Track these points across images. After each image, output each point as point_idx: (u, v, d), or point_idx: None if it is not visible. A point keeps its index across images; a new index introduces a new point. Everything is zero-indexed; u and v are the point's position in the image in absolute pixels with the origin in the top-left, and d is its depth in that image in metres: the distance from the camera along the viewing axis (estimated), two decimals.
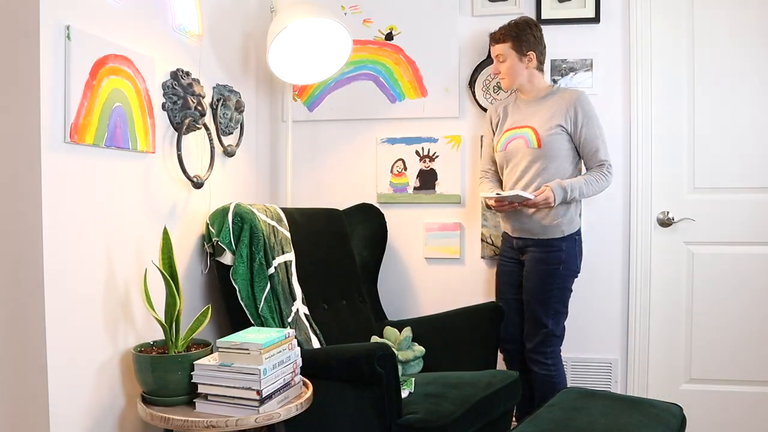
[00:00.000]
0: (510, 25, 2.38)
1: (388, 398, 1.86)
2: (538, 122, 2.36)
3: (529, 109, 2.42)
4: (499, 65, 2.41)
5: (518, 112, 2.44)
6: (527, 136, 2.37)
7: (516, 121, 2.42)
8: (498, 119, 2.50)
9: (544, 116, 2.37)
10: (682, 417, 1.98)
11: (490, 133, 2.53)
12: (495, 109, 2.53)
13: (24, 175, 1.50)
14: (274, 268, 2.18)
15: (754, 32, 2.58)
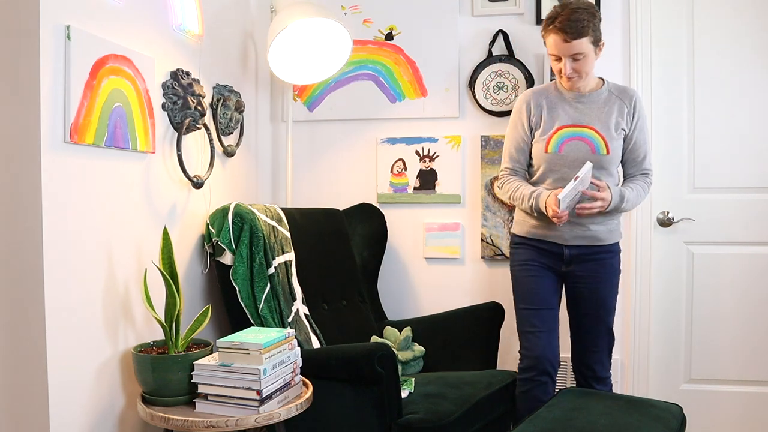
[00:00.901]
0: (581, 10, 2.01)
1: (388, 398, 1.86)
2: (602, 124, 2.10)
3: (585, 107, 2.12)
4: (576, 64, 2.04)
5: (572, 109, 2.12)
6: (593, 139, 2.08)
7: (574, 119, 2.11)
8: (540, 111, 2.14)
9: (607, 117, 2.11)
10: (682, 417, 1.98)
11: (525, 125, 2.16)
12: (533, 98, 2.16)
13: (24, 175, 1.50)
14: (274, 268, 2.18)
15: (754, 32, 2.58)
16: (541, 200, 2.06)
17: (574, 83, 2.10)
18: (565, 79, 2.09)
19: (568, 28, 1.99)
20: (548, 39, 2.05)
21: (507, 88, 2.69)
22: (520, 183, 2.16)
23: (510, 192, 2.17)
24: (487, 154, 2.73)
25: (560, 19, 2.00)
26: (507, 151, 2.21)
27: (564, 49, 2.02)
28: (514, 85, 2.68)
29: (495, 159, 2.72)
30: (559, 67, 2.07)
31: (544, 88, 2.21)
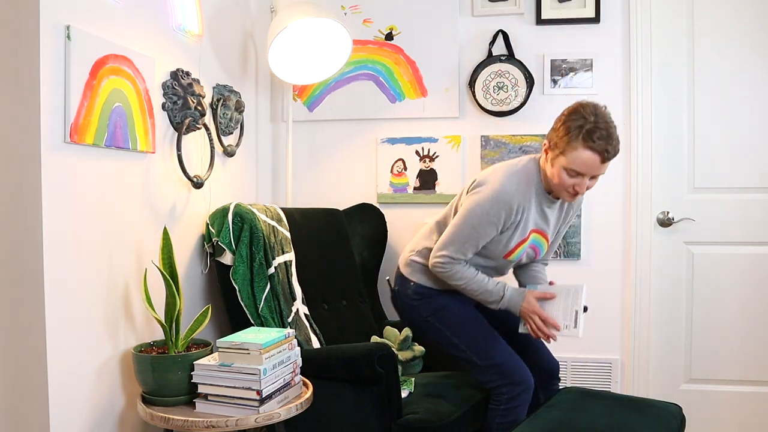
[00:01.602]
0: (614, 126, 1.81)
1: (388, 398, 1.86)
2: (552, 230, 2.05)
3: (550, 212, 2.01)
4: (593, 181, 1.86)
5: (541, 215, 1.99)
6: (541, 246, 2.04)
7: (538, 225, 1.99)
8: (520, 217, 1.92)
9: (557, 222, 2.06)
10: (681, 417, 1.98)
11: (498, 228, 1.91)
12: (518, 203, 1.89)
13: (24, 175, 1.50)
14: (274, 268, 2.18)
15: (754, 32, 2.58)
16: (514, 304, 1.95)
17: (575, 198, 1.91)
18: (569, 195, 1.88)
19: (611, 150, 1.78)
20: (581, 153, 1.77)
21: (507, 88, 2.69)
22: (476, 271, 1.97)
23: (465, 282, 1.95)
24: (487, 155, 2.73)
25: (600, 135, 1.75)
26: (472, 242, 1.91)
27: (597, 168, 1.80)
28: (514, 85, 2.68)
29: (495, 159, 2.72)
30: (574, 182, 1.83)
31: (527, 184, 1.92)
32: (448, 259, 1.93)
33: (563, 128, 1.81)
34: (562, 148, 1.80)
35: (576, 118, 1.79)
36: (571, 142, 1.78)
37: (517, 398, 1.98)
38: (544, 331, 1.92)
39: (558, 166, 1.83)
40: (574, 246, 2.68)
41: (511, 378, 1.97)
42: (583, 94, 2.67)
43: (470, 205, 1.90)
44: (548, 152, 1.87)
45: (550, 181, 1.89)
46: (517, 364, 2.00)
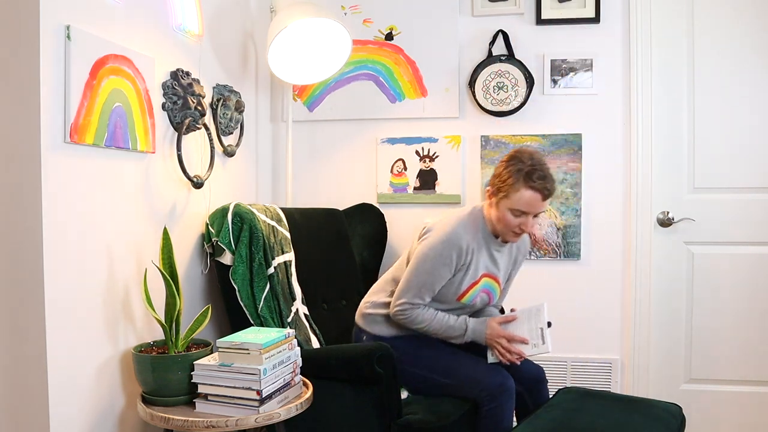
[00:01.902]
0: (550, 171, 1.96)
1: (388, 398, 1.86)
2: (503, 274, 2.14)
3: (499, 255, 2.11)
4: (535, 219, 1.98)
5: (490, 258, 2.09)
6: (494, 291, 2.12)
7: (489, 269, 2.08)
8: (470, 257, 2.01)
9: (507, 266, 2.16)
10: (681, 417, 1.98)
11: (452, 269, 2.00)
12: (467, 242, 1.99)
13: (24, 175, 1.50)
14: (273, 268, 2.18)
15: (754, 32, 2.58)
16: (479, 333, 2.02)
17: (518, 239, 2.04)
18: (515, 235, 2.00)
19: (549, 187, 1.93)
20: (523, 194, 1.91)
21: (507, 88, 2.69)
22: (436, 312, 2.03)
23: (427, 323, 2.01)
24: (487, 154, 2.73)
25: (539, 175, 1.91)
26: (428, 285, 1.98)
27: (539, 206, 1.94)
28: (514, 85, 2.68)
29: (495, 159, 2.72)
30: (519, 222, 1.95)
31: (474, 228, 2.03)
32: (408, 305, 2.01)
33: (505, 173, 1.95)
34: (506, 191, 1.94)
35: (515, 163, 1.94)
36: (514, 184, 1.92)
37: (497, 401, 1.94)
38: (512, 351, 1.99)
39: (503, 208, 1.96)
40: (574, 246, 2.68)
41: (483, 384, 1.95)
42: (583, 94, 2.67)
43: (423, 250, 1.99)
44: (492, 197, 2.00)
45: (496, 224, 2.01)
46: (487, 370, 2.00)
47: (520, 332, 2.02)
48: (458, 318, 2.05)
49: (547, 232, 2.70)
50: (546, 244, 2.70)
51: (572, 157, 2.67)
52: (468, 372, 2.00)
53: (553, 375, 2.66)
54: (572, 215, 2.68)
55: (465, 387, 1.99)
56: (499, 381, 1.95)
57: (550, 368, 2.68)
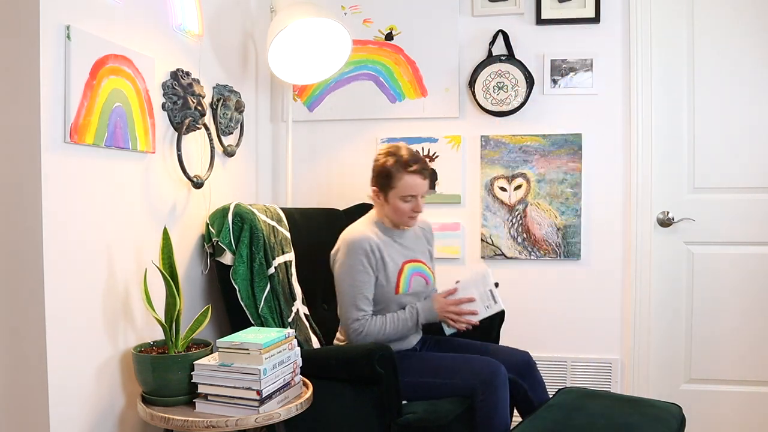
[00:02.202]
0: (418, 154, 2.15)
1: (388, 398, 1.86)
2: (424, 256, 2.25)
3: (406, 242, 2.20)
4: (422, 200, 2.12)
5: (400, 247, 2.17)
6: (426, 272, 2.21)
7: (407, 255, 2.17)
8: (380, 254, 2.09)
9: (424, 248, 2.27)
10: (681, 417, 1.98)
11: (370, 270, 2.07)
12: (369, 242, 2.08)
13: (24, 175, 1.50)
14: (274, 268, 2.18)
15: (754, 32, 2.58)
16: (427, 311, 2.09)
17: (415, 222, 2.18)
18: (411, 218, 2.13)
19: (426, 167, 2.11)
20: (406, 179, 2.07)
21: (507, 88, 2.69)
22: (384, 315, 2.08)
23: (381, 328, 2.05)
24: (487, 154, 2.73)
25: (413, 160, 2.08)
26: (359, 295, 2.04)
27: (423, 187, 2.10)
28: (514, 85, 2.68)
29: (495, 159, 2.72)
30: (411, 206, 2.10)
31: (371, 231, 2.13)
32: (355, 322, 2.05)
33: (384, 170, 2.09)
34: (389, 184, 2.09)
35: (387, 160, 2.10)
36: (396, 175, 2.07)
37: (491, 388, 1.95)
38: (462, 313, 2.08)
39: (394, 199, 2.10)
40: (574, 246, 2.68)
41: (476, 375, 1.97)
42: (583, 94, 2.67)
43: (337, 271, 2.10)
44: (380, 195, 2.13)
45: (393, 216, 2.14)
46: (477, 362, 2.02)
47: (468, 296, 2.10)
48: (406, 310, 2.11)
49: (547, 232, 2.70)
50: (546, 244, 2.70)
51: (572, 157, 2.68)
52: (459, 367, 2.03)
53: (553, 375, 2.66)
54: (572, 215, 2.68)
55: (458, 382, 1.99)
56: (491, 369, 1.97)
57: (550, 368, 2.68)
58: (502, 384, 1.96)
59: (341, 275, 2.08)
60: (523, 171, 2.71)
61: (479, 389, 1.95)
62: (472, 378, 1.97)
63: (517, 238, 2.72)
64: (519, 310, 2.70)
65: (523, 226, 2.71)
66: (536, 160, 2.70)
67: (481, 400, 1.95)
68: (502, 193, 2.73)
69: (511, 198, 2.72)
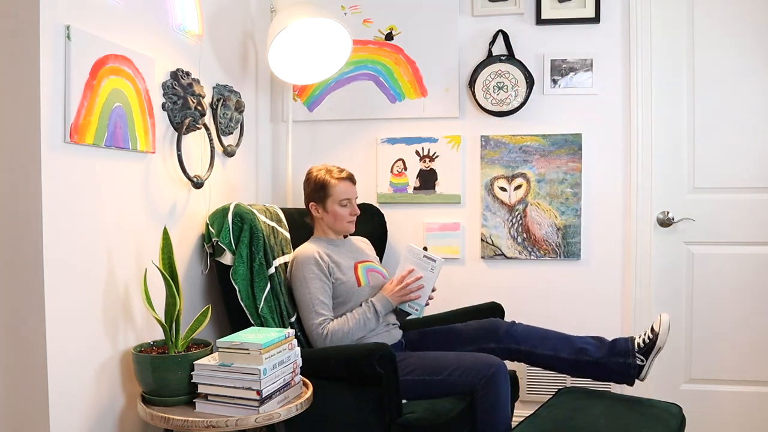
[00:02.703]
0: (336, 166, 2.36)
1: (388, 398, 1.86)
2: (370, 257, 2.40)
3: (348, 247, 2.36)
4: (356, 206, 2.33)
5: (346, 251, 2.33)
6: (379, 268, 2.35)
7: (356, 258, 2.33)
8: (329, 258, 2.23)
9: (369, 251, 2.46)
10: (681, 417, 1.98)
11: (323, 275, 2.18)
12: (317, 250, 2.23)
13: (24, 175, 1.50)
14: (274, 269, 2.18)
15: (754, 32, 2.58)
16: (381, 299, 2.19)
17: (353, 225, 2.34)
18: (350, 222, 2.32)
19: (349, 173, 2.34)
20: (339, 186, 2.28)
21: (507, 88, 2.69)
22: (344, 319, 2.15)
23: (342, 326, 2.13)
24: (487, 154, 2.73)
25: (337, 170, 2.32)
26: (316, 300, 2.15)
27: (354, 190, 2.33)
28: (514, 85, 2.68)
29: (495, 159, 2.72)
30: (349, 210, 2.30)
31: (315, 245, 2.27)
32: (318, 327, 2.12)
33: (314, 185, 2.31)
34: (325, 193, 2.28)
35: (316, 175, 2.32)
36: (328, 184, 2.28)
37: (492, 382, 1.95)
38: (409, 284, 2.19)
39: (333, 205, 2.29)
40: (574, 246, 2.68)
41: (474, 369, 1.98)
42: (583, 94, 2.67)
43: (293, 282, 2.22)
44: (319, 210, 2.31)
45: (334, 224, 2.31)
46: (473, 357, 2.04)
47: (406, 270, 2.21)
48: (362, 304, 2.20)
49: (547, 232, 2.70)
50: (546, 244, 2.70)
51: (572, 157, 2.68)
52: (458, 364, 2.03)
53: (553, 375, 2.66)
54: (572, 215, 2.68)
55: (457, 378, 2.00)
56: (489, 362, 1.99)
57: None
58: (502, 380, 1.96)
59: (297, 288, 2.19)
60: (523, 171, 2.71)
61: (479, 386, 1.95)
62: (472, 374, 1.97)
63: (517, 238, 2.72)
64: (519, 310, 2.70)
65: (523, 226, 2.72)
66: (536, 160, 2.70)
67: (481, 396, 1.95)
68: (502, 193, 2.73)
69: (511, 198, 2.72)
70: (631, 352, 2.08)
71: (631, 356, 2.07)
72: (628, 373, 2.08)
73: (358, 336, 2.14)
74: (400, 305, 2.22)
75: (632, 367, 2.07)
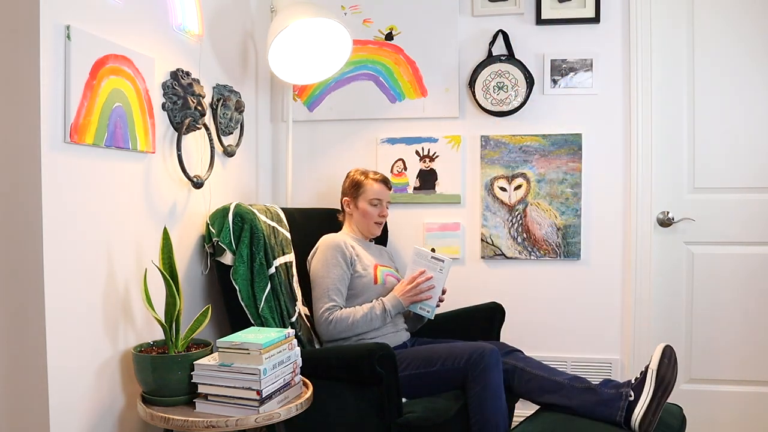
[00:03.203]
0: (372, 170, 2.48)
1: (388, 398, 1.86)
2: (390, 263, 2.49)
3: (372, 250, 2.45)
4: (387, 209, 2.45)
5: (369, 252, 2.41)
6: (396, 275, 2.41)
7: (375, 260, 2.38)
8: (354, 250, 2.30)
9: (390, 257, 2.55)
10: (682, 417, 1.98)
11: (345, 264, 2.25)
12: (344, 241, 2.30)
13: (24, 175, 1.50)
14: (274, 268, 2.18)
15: (754, 32, 2.58)
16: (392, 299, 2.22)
17: (380, 227, 2.45)
18: (378, 224, 2.43)
19: (387, 177, 2.47)
20: (373, 185, 2.40)
21: (507, 88, 2.69)
22: (353, 310, 2.19)
23: (348, 317, 2.16)
24: (487, 154, 2.73)
25: (373, 171, 2.45)
26: (332, 286, 2.20)
27: (387, 193, 2.44)
28: (514, 85, 2.68)
29: (495, 159, 2.72)
30: (378, 210, 2.41)
31: (343, 236, 2.35)
32: (326, 311, 2.18)
33: (352, 183, 2.44)
34: (359, 191, 2.41)
35: (353, 174, 2.46)
36: (363, 183, 2.41)
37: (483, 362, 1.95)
38: (420, 283, 2.22)
39: (364, 203, 2.40)
40: (574, 246, 2.68)
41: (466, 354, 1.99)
42: (583, 94, 2.68)
43: (313, 266, 2.29)
44: (350, 205, 2.43)
45: (362, 221, 2.42)
46: (464, 345, 2.06)
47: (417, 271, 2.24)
48: (373, 301, 2.24)
49: (547, 232, 2.70)
50: (546, 244, 2.70)
51: (572, 157, 2.68)
52: (447, 352, 2.05)
53: None
54: (572, 215, 2.68)
55: (450, 367, 2.01)
56: (480, 346, 2.00)
57: None
58: (492, 365, 1.93)
59: (316, 269, 2.25)
60: (523, 171, 2.71)
61: (468, 371, 1.94)
62: (464, 358, 1.98)
63: (517, 238, 2.72)
64: (519, 310, 2.70)
65: (523, 226, 2.72)
66: (536, 160, 2.70)
67: (471, 381, 1.93)
68: (502, 193, 2.73)
69: (511, 198, 2.72)
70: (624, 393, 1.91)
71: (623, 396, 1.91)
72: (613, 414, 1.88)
73: (361, 330, 2.16)
74: (411, 307, 2.24)
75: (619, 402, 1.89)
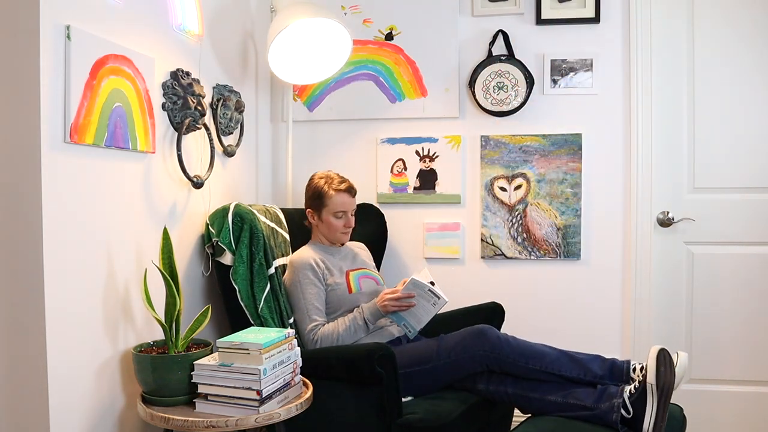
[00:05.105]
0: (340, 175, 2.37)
1: (388, 398, 1.86)
2: (367, 265, 2.43)
3: (344, 255, 2.39)
4: (352, 217, 2.35)
5: (340, 259, 2.36)
6: (373, 275, 2.38)
7: (350, 265, 2.36)
8: (324, 264, 2.27)
9: (364, 259, 2.46)
10: (682, 417, 1.98)
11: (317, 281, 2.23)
12: (312, 256, 2.27)
13: (24, 175, 1.50)
14: (274, 269, 2.18)
15: (754, 32, 2.58)
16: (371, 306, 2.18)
17: (347, 236, 2.37)
18: (344, 234, 2.34)
19: (350, 184, 2.35)
20: (336, 198, 2.30)
21: (507, 88, 2.69)
22: (335, 324, 2.18)
23: (332, 332, 2.15)
24: (487, 154, 2.73)
25: (338, 180, 2.33)
26: (310, 306, 2.19)
27: (351, 204, 2.34)
28: (514, 85, 2.68)
29: (495, 159, 2.72)
30: (343, 222, 2.32)
31: (311, 250, 2.31)
32: (310, 332, 2.17)
33: (313, 194, 2.34)
34: (322, 203, 2.31)
35: (316, 183, 2.35)
36: (324, 195, 2.31)
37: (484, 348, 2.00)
38: (401, 297, 2.14)
39: (327, 216, 2.31)
40: (574, 246, 2.68)
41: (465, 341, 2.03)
42: (583, 94, 2.67)
43: (289, 286, 2.26)
44: (315, 217, 2.35)
45: (328, 234, 2.34)
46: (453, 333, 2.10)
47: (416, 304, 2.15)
48: (354, 310, 2.21)
49: (547, 232, 2.70)
50: (546, 244, 2.70)
51: (572, 157, 2.68)
52: (443, 345, 2.07)
53: None
54: (572, 215, 2.68)
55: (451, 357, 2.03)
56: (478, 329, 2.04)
57: None
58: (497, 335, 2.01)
59: (293, 293, 2.23)
60: (523, 171, 2.71)
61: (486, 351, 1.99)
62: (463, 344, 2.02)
63: (517, 238, 2.72)
64: (519, 309, 2.70)
65: (523, 226, 2.72)
66: (536, 160, 2.70)
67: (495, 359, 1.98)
68: (502, 193, 2.73)
69: (511, 198, 2.72)
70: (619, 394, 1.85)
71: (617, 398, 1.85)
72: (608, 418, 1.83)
73: (348, 342, 2.15)
74: (395, 318, 2.19)
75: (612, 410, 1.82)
